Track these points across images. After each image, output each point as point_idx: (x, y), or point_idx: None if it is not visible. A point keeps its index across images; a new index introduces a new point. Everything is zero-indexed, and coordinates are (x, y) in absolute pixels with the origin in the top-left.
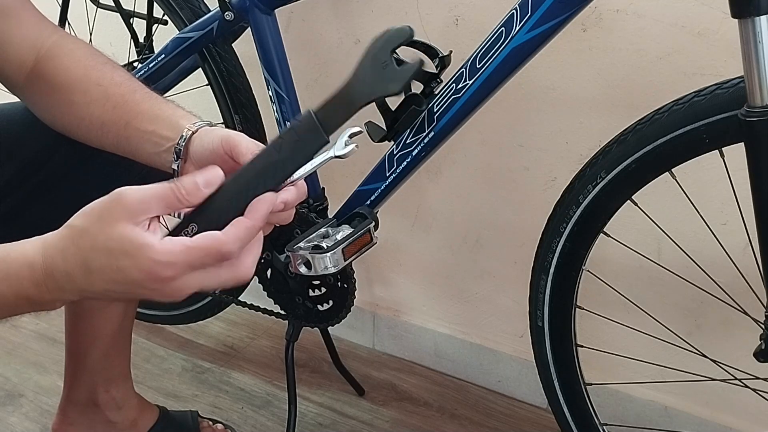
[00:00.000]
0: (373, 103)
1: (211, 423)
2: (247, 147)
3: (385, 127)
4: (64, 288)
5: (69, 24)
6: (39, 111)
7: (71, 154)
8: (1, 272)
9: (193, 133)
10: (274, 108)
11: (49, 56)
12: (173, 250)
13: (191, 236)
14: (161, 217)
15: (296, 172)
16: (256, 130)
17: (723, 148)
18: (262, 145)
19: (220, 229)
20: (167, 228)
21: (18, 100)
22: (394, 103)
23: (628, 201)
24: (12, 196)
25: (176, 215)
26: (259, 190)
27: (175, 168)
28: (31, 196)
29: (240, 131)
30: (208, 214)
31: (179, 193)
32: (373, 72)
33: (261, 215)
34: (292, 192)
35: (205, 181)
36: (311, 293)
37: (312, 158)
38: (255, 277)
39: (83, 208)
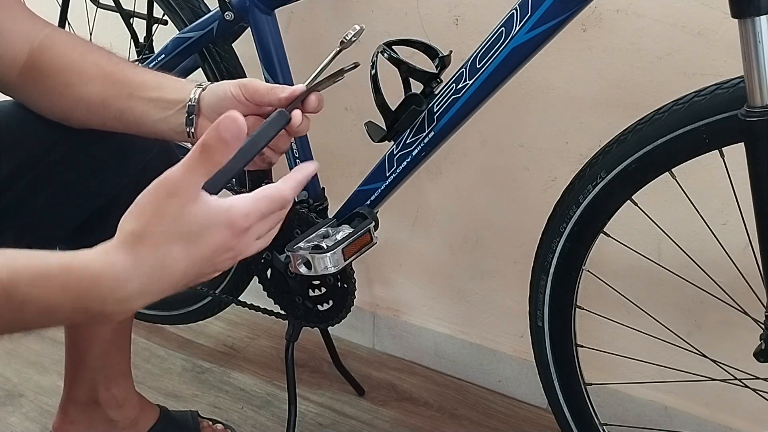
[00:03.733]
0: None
1: (211, 423)
2: (266, 88)
3: (385, 127)
4: (136, 294)
5: (69, 24)
6: (34, 102)
7: (69, 149)
8: (59, 283)
9: (203, 89)
10: None
11: (42, 48)
12: (248, 201)
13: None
14: None
15: (313, 75)
16: None
17: (723, 148)
18: (275, 87)
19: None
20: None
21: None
22: (394, 103)
23: (628, 201)
24: (10, 191)
25: None
26: (258, 150)
27: (190, 130)
28: (29, 191)
29: None
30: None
31: (214, 154)
32: None
33: (306, 174)
34: (313, 102)
35: (231, 135)
36: (311, 293)
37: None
38: (255, 277)
39: (131, 211)
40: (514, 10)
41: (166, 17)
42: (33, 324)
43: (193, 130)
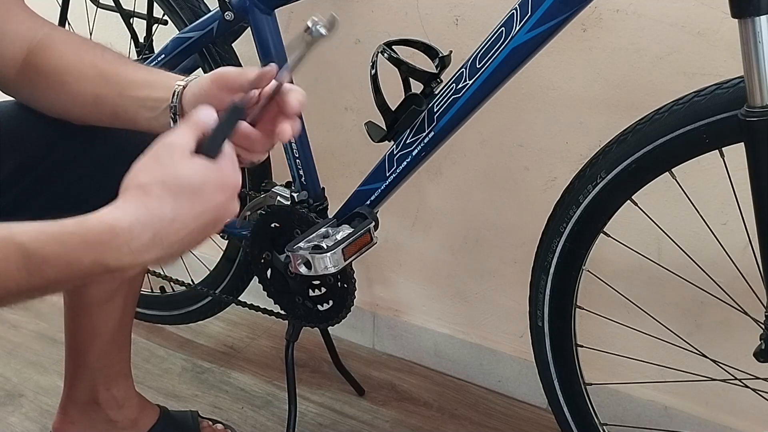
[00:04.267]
0: (374, 105)
1: (211, 423)
2: (235, 72)
3: (385, 127)
4: (147, 247)
5: (69, 24)
6: (32, 100)
7: (69, 148)
8: (79, 238)
9: (184, 87)
10: None
11: (40, 47)
12: (231, 159)
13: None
14: None
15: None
16: None
17: (723, 148)
18: (245, 69)
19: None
20: None
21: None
22: (394, 103)
23: (628, 201)
24: (11, 191)
25: None
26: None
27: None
28: (30, 190)
29: None
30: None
31: (202, 126)
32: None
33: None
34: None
35: (208, 116)
36: (311, 293)
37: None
38: (255, 277)
39: (136, 169)
40: (514, 10)
41: (166, 17)
42: (52, 285)
43: None
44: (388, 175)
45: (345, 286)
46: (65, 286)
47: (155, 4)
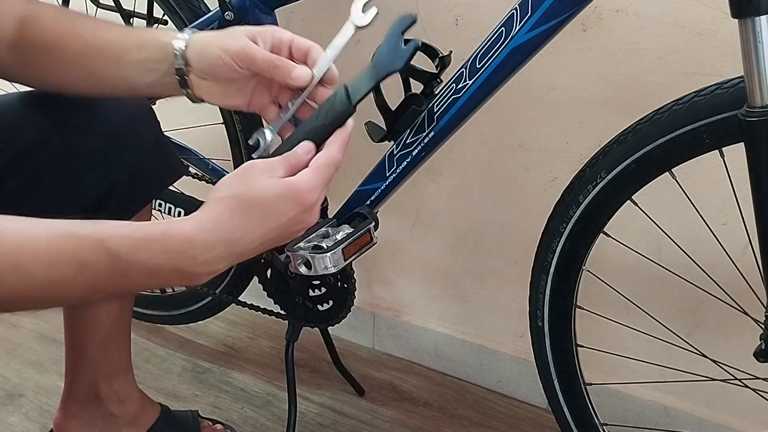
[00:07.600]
0: (374, 105)
1: (211, 423)
2: (263, 59)
3: (385, 127)
4: (220, 257)
5: None
6: (27, 77)
7: (66, 138)
8: (161, 246)
9: (185, 47)
10: None
11: (27, 22)
12: (310, 176)
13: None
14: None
15: (327, 58)
16: (256, 130)
17: (723, 148)
18: (271, 55)
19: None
20: None
21: (9, 92)
22: (394, 103)
23: (628, 201)
24: (11, 181)
25: None
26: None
27: (187, 91)
28: (29, 180)
29: (240, 131)
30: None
31: (294, 161)
32: (388, 52)
33: (347, 133)
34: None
35: (306, 151)
36: (311, 293)
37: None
38: (255, 277)
39: (219, 184)
40: (514, 10)
41: (166, 17)
42: (134, 286)
43: (191, 90)
44: (388, 175)
45: (345, 286)
46: (148, 288)
47: (155, 4)
